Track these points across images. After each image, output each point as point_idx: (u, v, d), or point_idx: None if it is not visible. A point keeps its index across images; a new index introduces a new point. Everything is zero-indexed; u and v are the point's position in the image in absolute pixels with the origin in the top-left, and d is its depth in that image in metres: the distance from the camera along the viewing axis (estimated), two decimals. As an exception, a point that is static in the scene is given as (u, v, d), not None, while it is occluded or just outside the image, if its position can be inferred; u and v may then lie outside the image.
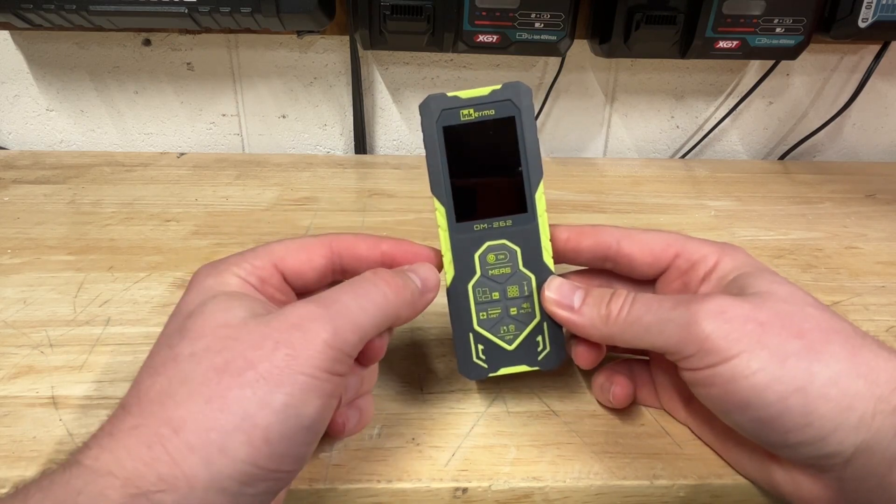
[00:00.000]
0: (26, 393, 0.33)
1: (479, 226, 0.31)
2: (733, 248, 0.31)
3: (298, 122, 0.67)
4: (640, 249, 0.31)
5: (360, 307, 0.25)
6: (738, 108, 0.67)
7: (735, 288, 0.28)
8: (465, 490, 0.29)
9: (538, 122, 0.67)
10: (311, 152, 0.69)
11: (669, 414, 0.33)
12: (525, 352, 0.31)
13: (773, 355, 0.25)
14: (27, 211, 0.52)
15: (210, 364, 0.23)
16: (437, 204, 0.31)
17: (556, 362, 0.31)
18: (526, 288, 0.31)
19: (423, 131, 0.30)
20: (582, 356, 0.31)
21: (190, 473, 0.21)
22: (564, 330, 0.31)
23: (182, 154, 0.64)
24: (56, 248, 0.47)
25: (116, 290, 0.42)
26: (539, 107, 0.66)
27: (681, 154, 0.70)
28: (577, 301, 0.30)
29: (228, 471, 0.21)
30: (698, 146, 0.69)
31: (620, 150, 0.70)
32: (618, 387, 0.32)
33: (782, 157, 0.70)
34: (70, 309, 0.40)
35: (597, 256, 0.32)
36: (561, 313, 0.30)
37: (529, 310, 0.31)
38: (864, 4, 0.54)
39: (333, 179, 0.60)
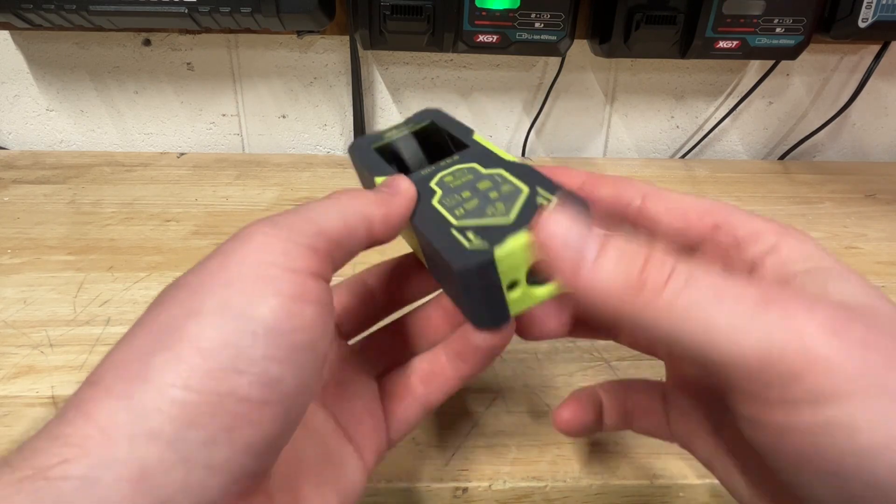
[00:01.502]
0: (26, 393, 0.33)
1: (426, 170, 0.27)
2: (798, 232, 0.21)
3: (298, 122, 0.67)
4: (669, 210, 0.23)
5: (309, 208, 0.21)
6: (738, 108, 0.67)
7: (811, 289, 0.20)
8: (465, 490, 0.29)
9: (538, 122, 0.67)
10: (311, 152, 0.69)
11: (684, 447, 0.25)
12: (530, 216, 0.22)
13: (894, 404, 0.16)
14: (27, 211, 0.52)
15: (150, 311, 0.19)
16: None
17: (581, 203, 0.22)
18: (498, 179, 0.25)
19: (357, 164, 0.28)
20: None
21: (106, 422, 0.16)
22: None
23: (182, 154, 0.64)
24: (56, 248, 0.47)
25: (116, 290, 0.42)
26: (539, 107, 0.66)
27: (681, 154, 0.70)
28: (591, 249, 0.19)
29: (155, 402, 0.16)
30: (698, 146, 0.69)
31: (620, 150, 0.70)
32: (564, 410, 0.25)
33: (782, 157, 0.70)
34: (70, 309, 0.40)
35: (612, 213, 0.24)
36: (565, 263, 0.19)
37: (513, 189, 0.24)
38: (864, 4, 0.54)
39: (333, 179, 0.60)
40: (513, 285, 0.22)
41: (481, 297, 0.22)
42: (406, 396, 0.26)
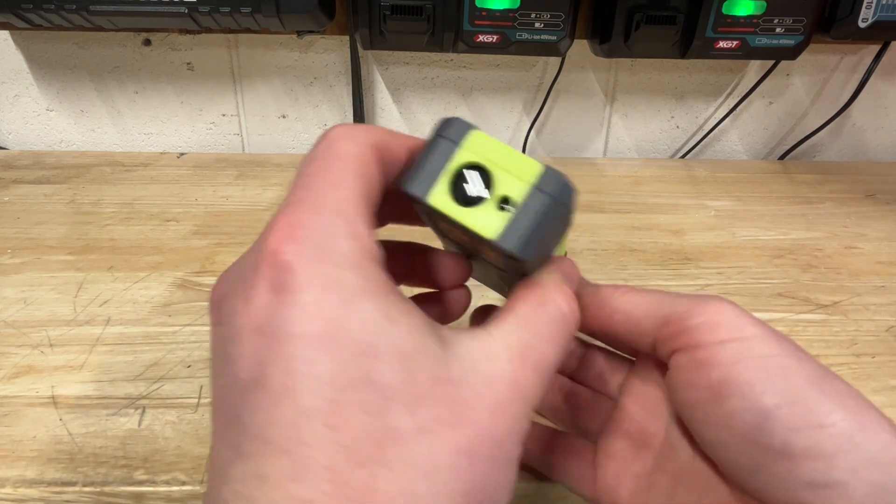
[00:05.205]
0: (26, 393, 0.33)
1: None
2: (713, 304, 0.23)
3: (298, 122, 0.67)
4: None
5: (542, 337, 0.20)
6: (738, 108, 0.67)
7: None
8: (465, 490, 0.29)
9: (538, 122, 0.67)
10: (311, 152, 0.68)
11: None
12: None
13: (791, 348, 0.21)
14: (27, 211, 0.52)
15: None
16: None
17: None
18: None
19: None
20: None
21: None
22: None
23: (182, 154, 0.64)
24: (56, 248, 0.47)
25: (116, 290, 0.42)
26: (539, 107, 0.66)
27: (681, 154, 0.70)
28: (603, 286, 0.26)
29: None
30: (698, 146, 0.69)
31: (620, 150, 0.70)
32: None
33: (782, 157, 0.70)
34: (70, 309, 0.40)
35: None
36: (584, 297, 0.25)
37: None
38: (864, 4, 0.54)
39: (333, 179, 0.60)
40: (459, 183, 0.21)
41: (429, 153, 0.21)
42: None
